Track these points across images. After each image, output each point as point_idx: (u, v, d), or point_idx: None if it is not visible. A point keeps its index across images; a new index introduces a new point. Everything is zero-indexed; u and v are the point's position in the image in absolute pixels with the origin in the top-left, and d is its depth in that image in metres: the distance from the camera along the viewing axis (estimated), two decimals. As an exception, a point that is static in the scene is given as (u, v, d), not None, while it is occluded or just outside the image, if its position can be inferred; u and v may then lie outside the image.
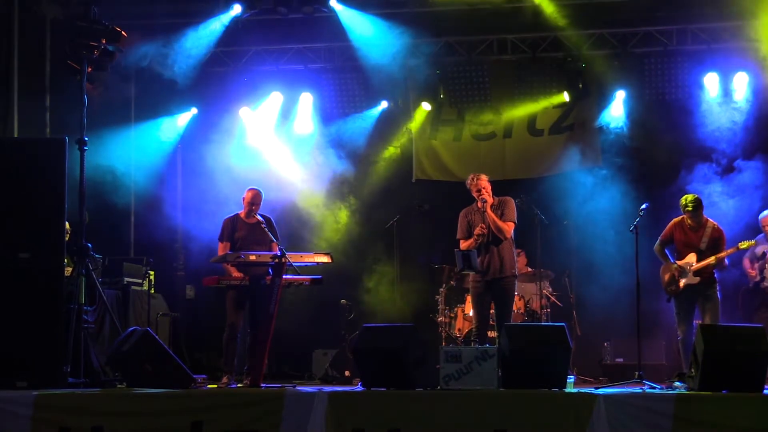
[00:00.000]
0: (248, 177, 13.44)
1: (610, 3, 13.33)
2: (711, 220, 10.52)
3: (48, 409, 7.85)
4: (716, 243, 10.36)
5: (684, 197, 10.57)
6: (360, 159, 14.32)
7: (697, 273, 10.28)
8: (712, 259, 10.25)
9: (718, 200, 12.59)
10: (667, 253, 10.66)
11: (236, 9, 13.30)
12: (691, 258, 10.35)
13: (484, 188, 10.44)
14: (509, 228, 10.39)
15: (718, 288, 10.34)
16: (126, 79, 13.88)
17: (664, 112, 13.68)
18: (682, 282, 10.32)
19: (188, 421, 7.75)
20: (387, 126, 14.67)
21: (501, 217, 10.39)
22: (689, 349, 10.09)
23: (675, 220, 10.64)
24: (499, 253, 10.35)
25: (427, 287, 13.56)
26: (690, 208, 10.36)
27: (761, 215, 11.44)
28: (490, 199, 10.41)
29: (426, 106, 14.32)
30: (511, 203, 10.55)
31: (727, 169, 13.01)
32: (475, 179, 10.51)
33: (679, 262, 10.41)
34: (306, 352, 13.16)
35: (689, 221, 10.46)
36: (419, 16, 13.54)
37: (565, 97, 13.90)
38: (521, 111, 14.25)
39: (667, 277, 10.52)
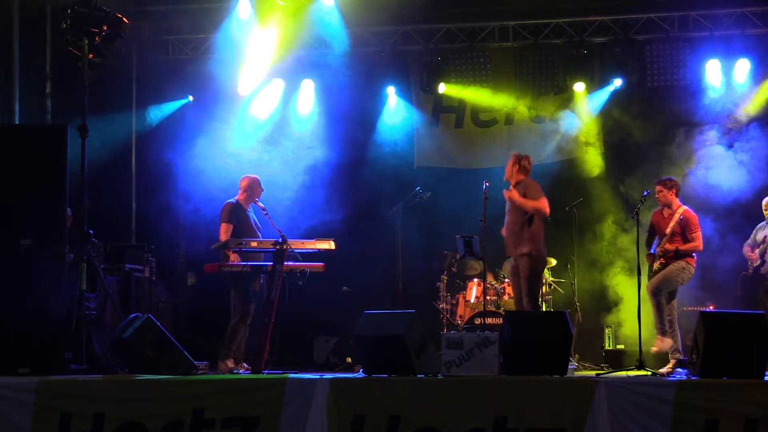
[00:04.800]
0: (249, 162, 13.45)
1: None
2: (683, 206, 10.60)
3: (50, 395, 7.87)
4: (683, 227, 10.44)
5: None
6: (362, 145, 14.31)
7: (661, 257, 10.47)
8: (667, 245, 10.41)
9: (718, 182, 12.67)
10: (654, 244, 10.77)
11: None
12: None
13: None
14: (530, 204, 10.51)
15: (681, 267, 10.39)
16: (127, 65, 13.86)
17: (665, 98, 13.68)
18: (655, 267, 10.53)
19: (190, 407, 7.77)
20: (389, 112, 14.66)
21: (523, 196, 10.60)
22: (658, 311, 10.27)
23: (655, 210, 10.85)
24: (508, 232, 10.60)
25: (428, 274, 13.57)
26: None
27: (764, 200, 11.46)
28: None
29: (441, 88, 14.29)
30: (531, 184, 10.74)
31: (728, 153, 13.05)
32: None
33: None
34: (308, 338, 13.17)
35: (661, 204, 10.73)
36: (420, 3, 13.52)
37: (577, 88, 13.90)
38: (523, 97, 14.24)
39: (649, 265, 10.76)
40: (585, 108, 14.10)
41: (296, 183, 13.81)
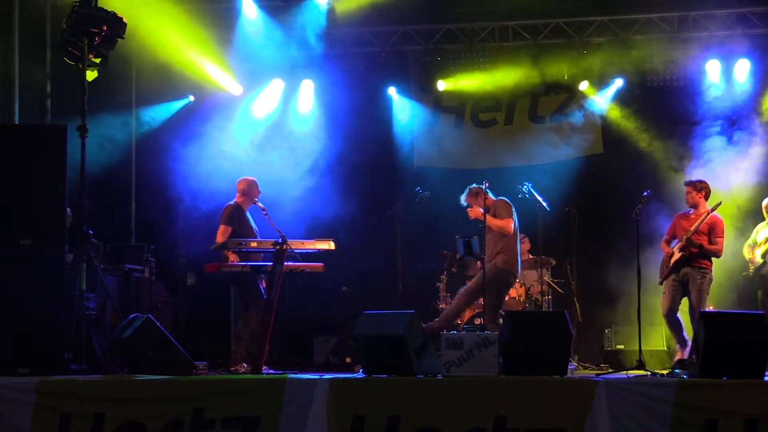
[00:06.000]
0: (249, 162, 13.44)
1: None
2: (710, 210, 10.63)
3: (50, 395, 7.86)
4: (710, 227, 10.52)
5: None
6: (362, 145, 14.30)
7: (681, 250, 10.54)
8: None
9: (718, 181, 12.66)
10: (673, 244, 10.87)
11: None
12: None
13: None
14: (499, 223, 10.66)
15: (706, 272, 10.52)
16: (127, 65, 13.86)
17: (665, 98, 13.68)
18: (672, 260, 10.59)
19: (190, 407, 7.76)
20: (389, 112, 14.66)
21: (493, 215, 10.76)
22: (674, 328, 10.28)
23: (678, 213, 10.90)
24: (487, 245, 10.74)
25: (428, 274, 13.56)
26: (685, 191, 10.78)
27: (765, 201, 11.46)
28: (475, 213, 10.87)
29: (440, 85, 14.30)
30: (500, 204, 10.82)
31: (728, 153, 13.06)
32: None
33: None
34: (307, 338, 13.15)
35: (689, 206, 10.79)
36: (420, 3, 13.52)
37: (578, 88, 13.91)
38: (522, 98, 14.25)
39: (664, 260, 10.81)
40: (585, 108, 14.10)
41: (296, 183, 13.79)
